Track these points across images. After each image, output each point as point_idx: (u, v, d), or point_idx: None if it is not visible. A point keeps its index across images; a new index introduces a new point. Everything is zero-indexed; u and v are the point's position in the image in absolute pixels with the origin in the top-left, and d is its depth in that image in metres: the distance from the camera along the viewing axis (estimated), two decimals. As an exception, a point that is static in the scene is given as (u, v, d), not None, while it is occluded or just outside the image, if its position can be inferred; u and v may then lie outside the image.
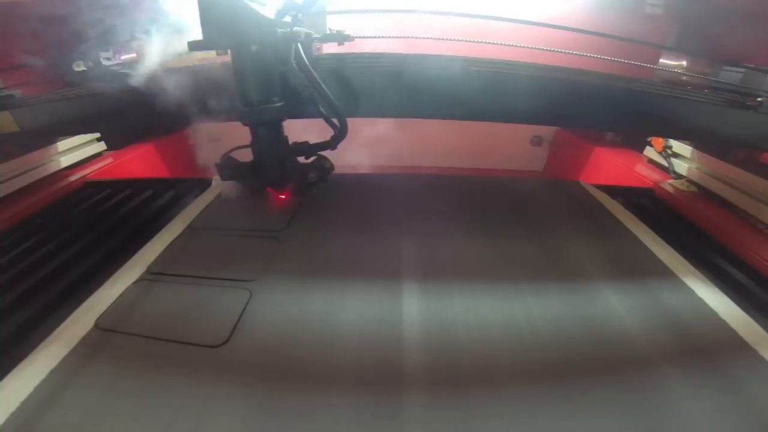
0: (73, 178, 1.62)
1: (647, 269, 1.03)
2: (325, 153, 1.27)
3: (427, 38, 1.22)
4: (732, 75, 1.34)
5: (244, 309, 0.86)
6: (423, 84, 1.11)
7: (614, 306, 0.89)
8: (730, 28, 1.45)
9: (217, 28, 0.93)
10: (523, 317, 0.85)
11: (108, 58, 1.65)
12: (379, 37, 1.19)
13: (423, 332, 0.81)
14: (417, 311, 0.86)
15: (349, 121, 1.16)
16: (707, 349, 0.78)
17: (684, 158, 1.66)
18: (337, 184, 1.51)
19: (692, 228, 1.33)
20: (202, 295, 0.91)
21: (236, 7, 0.91)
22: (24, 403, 0.65)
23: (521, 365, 0.74)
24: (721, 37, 1.51)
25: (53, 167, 1.61)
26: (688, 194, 1.51)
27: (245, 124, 1.14)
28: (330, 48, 1.18)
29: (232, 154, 1.26)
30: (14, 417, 0.63)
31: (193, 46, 0.98)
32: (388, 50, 1.18)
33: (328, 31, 1.07)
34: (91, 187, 1.61)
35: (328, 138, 1.20)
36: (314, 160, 1.27)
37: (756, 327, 0.84)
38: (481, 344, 0.78)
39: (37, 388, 0.68)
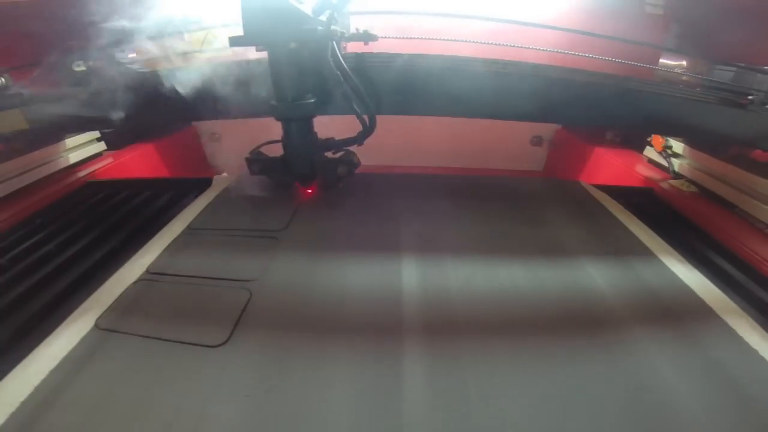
0: (73, 178, 1.62)
1: (647, 269, 1.03)
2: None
3: (447, 39, 1.28)
4: (724, 74, 1.37)
5: (244, 309, 0.86)
6: (438, 83, 1.15)
7: (614, 306, 0.89)
8: (730, 28, 1.45)
9: (258, 25, 0.96)
10: (523, 317, 0.85)
11: (122, 55, 1.67)
12: (402, 37, 1.24)
13: (423, 332, 0.81)
14: (417, 311, 0.86)
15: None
16: (707, 349, 0.78)
17: (684, 158, 1.66)
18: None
19: (692, 228, 1.33)
20: (202, 295, 0.91)
21: (278, 4, 0.94)
22: (24, 403, 0.65)
23: (524, 376, 0.74)
24: (720, 36, 1.51)
25: (53, 167, 1.60)
26: (688, 194, 1.51)
27: (278, 120, 1.17)
28: (354, 47, 1.21)
29: (262, 149, 1.30)
30: (14, 417, 0.63)
31: (234, 41, 1.00)
32: (408, 50, 1.22)
33: (354, 31, 1.10)
34: (92, 187, 1.61)
35: (345, 134, 1.23)
36: (342, 155, 1.30)
37: (756, 327, 0.84)
38: (481, 344, 0.78)
39: (37, 388, 0.68)
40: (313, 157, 1.26)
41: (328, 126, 1.29)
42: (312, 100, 1.11)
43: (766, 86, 1.19)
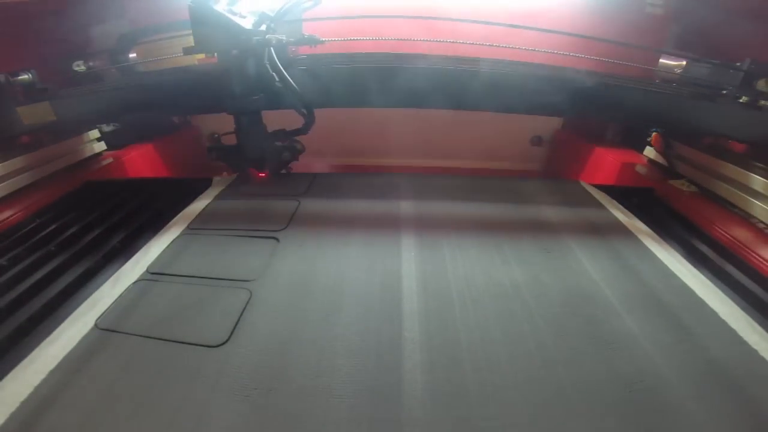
0: (73, 178, 1.62)
1: (647, 269, 1.03)
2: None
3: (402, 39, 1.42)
4: (701, 69, 1.45)
5: (244, 309, 0.86)
6: (378, 77, 1.35)
7: (614, 306, 0.89)
8: (730, 27, 1.45)
9: (205, 37, 1.18)
10: (522, 317, 0.85)
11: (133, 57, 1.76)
12: (351, 39, 1.42)
13: (422, 331, 0.81)
14: (417, 311, 0.86)
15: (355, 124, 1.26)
16: (707, 349, 0.78)
17: (684, 158, 1.66)
18: (337, 184, 1.51)
19: (692, 228, 1.33)
20: (202, 295, 0.91)
21: (219, 19, 1.15)
22: (24, 403, 0.65)
23: (522, 368, 0.74)
24: (720, 36, 1.52)
25: (53, 167, 1.60)
26: (688, 194, 1.50)
27: (230, 114, 1.37)
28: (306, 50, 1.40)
29: (222, 140, 1.50)
30: (14, 417, 0.63)
31: (187, 50, 1.21)
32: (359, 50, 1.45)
33: (303, 36, 1.29)
34: (91, 186, 1.61)
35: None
36: (287, 143, 1.49)
37: (756, 327, 0.84)
38: (480, 344, 0.78)
39: (37, 388, 0.68)
40: (264, 146, 1.45)
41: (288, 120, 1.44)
42: (256, 97, 1.30)
43: (738, 82, 1.28)
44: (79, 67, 1.72)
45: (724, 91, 1.31)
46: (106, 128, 1.92)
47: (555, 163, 2.45)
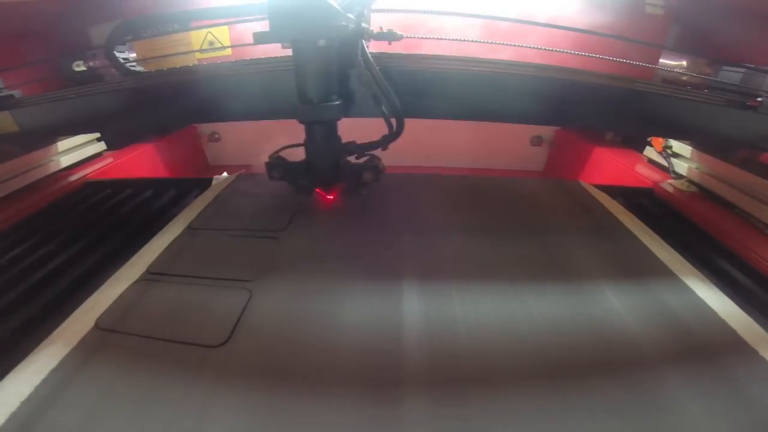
0: (73, 178, 1.62)
1: (647, 269, 1.03)
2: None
3: (455, 39, 1.28)
4: (732, 75, 1.35)
5: (244, 309, 0.86)
6: (450, 86, 1.13)
7: (614, 306, 0.89)
8: (731, 28, 1.45)
9: (286, 20, 0.89)
10: (522, 317, 0.85)
11: (125, 56, 1.65)
12: (430, 37, 1.24)
13: (423, 331, 0.81)
14: (417, 311, 0.86)
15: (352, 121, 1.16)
16: (707, 350, 0.78)
17: (684, 158, 1.66)
18: None
19: (692, 228, 1.33)
20: (202, 295, 0.91)
21: None
22: (24, 403, 0.65)
23: (520, 365, 0.74)
24: (722, 36, 1.51)
25: (53, 167, 1.60)
26: (688, 194, 1.51)
27: (301, 122, 1.11)
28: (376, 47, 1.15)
29: (281, 154, 1.25)
30: (14, 417, 0.63)
31: (259, 38, 0.93)
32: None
33: (378, 29, 1.05)
34: (91, 187, 1.61)
35: (353, 136, 1.20)
36: (367, 160, 1.25)
37: (756, 327, 0.84)
38: (481, 344, 0.78)
39: (37, 388, 0.68)
40: (338, 162, 1.20)
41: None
42: (337, 102, 1.05)
43: None
44: (79, 67, 1.72)
45: (760, 98, 1.13)
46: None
47: (555, 163, 2.45)
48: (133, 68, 1.33)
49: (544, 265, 1.03)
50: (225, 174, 1.64)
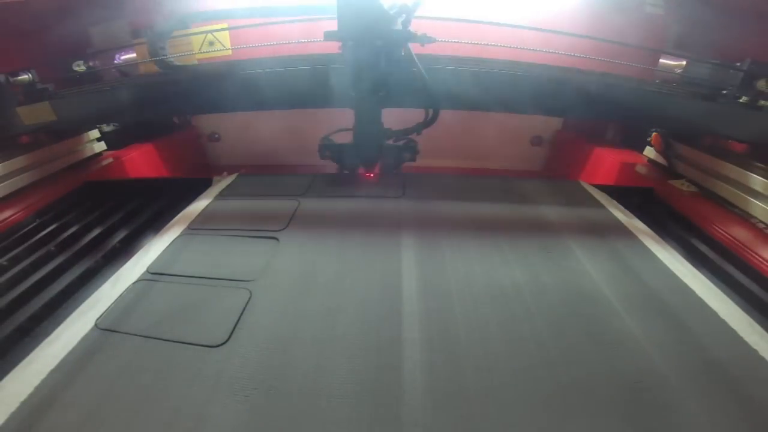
0: (73, 178, 1.62)
1: (647, 269, 1.03)
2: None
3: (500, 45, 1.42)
4: (701, 69, 1.46)
5: (244, 309, 0.86)
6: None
7: (614, 306, 0.89)
8: (730, 28, 1.46)
9: (350, 22, 1.11)
10: (522, 317, 0.85)
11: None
12: (458, 41, 1.39)
13: (423, 331, 0.81)
14: (417, 311, 0.86)
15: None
16: (707, 349, 0.78)
17: (684, 158, 1.66)
18: (337, 183, 1.51)
19: (692, 228, 1.33)
20: (202, 295, 0.91)
21: (370, 4, 1.09)
22: (24, 403, 0.65)
23: (520, 365, 0.74)
24: (721, 36, 1.52)
25: (53, 167, 1.60)
26: (688, 194, 1.50)
27: (353, 109, 1.34)
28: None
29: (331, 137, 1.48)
30: (14, 417, 0.63)
31: (329, 35, 1.16)
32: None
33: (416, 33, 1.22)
34: (91, 186, 1.61)
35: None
36: (405, 143, 1.48)
37: (756, 327, 0.84)
38: (481, 346, 0.78)
39: (37, 388, 0.68)
40: (381, 144, 1.43)
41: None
42: (384, 93, 1.26)
43: (738, 82, 1.29)
44: (79, 67, 1.72)
45: (725, 91, 1.32)
46: (106, 128, 1.90)
47: (555, 163, 2.45)
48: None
49: (545, 266, 1.03)
50: (225, 174, 1.64)
